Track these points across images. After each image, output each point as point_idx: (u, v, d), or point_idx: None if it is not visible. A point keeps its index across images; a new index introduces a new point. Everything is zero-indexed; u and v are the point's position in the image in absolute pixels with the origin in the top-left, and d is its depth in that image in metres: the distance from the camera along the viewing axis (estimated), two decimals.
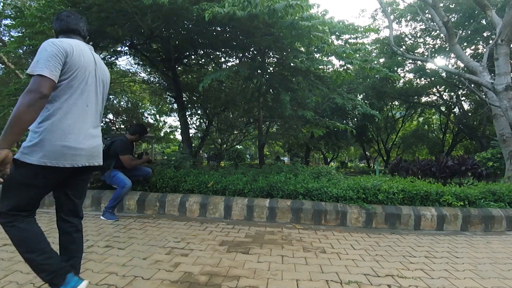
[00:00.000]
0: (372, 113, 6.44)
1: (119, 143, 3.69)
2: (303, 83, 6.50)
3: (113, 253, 2.34)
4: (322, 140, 13.66)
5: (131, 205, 3.91)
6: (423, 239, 3.14)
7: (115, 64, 9.12)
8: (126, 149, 3.70)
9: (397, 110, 20.79)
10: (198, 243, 2.67)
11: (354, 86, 12.87)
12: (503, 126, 6.47)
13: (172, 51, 6.61)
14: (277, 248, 2.61)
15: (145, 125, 4.57)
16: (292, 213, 3.64)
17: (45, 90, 1.29)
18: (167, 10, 4.17)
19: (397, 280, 2.03)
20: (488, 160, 6.64)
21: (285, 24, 4.14)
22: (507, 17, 6.02)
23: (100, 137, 1.63)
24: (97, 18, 4.56)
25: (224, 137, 13.36)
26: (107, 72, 1.69)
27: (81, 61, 1.45)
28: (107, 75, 1.69)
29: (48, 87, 1.31)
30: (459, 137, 18.82)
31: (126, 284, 1.81)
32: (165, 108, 15.71)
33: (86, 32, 1.65)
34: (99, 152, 1.60)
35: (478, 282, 2.04)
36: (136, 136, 3.90)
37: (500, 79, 6.00)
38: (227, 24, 4.75)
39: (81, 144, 1.45)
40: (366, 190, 3.79)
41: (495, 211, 3.72)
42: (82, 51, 1.49)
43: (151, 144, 20.98)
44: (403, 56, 9.98)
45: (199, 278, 1.93)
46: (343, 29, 5.64)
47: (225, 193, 3.98)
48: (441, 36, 12.10)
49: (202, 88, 4.80)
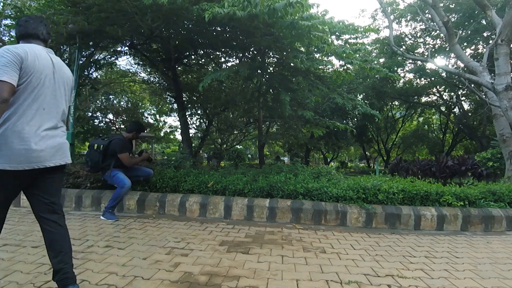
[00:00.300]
0: (372, 113, 6.44)
1: (117, 141, 3.68)
2: (303, 83, 6.50)
3: (113, 253, 2.33)
4: (322, 140, 13.66)
5: (131, 205, 3.91)
6: (423, 239, 3.14)
7: (115, 64, 9.13)
8: (124, 147, 3.69)
9: (397, 110, 20.80)
10: (198, 243, 2.67)
11: (354, 86, 12.87)
12: (503, 126, 6.46)
13: (172, 51, 6.61)
14: (277, 248, 2.61)
15: (142, 123, 4.58)
16: (292, 213, 3.64)
17: (5, 94, 1.35)
18: (167, 10, 4.17)
19: (397, 280, 2.02)
20: (488, 160, 6.64)
21: (285, 24, 4.14)
22: (507, 17, 6.02)
23: (64, 136, 1.67)
24: (97, 18, 4.56)
25: (224, 137, 13.37)
26: (68, 73, 1.73)
27: (35, 65, 1.49)
28: (69, 76, 1.73)
29: (8, 91, 1.37)
30: (459, 137, 18.82)
31: (126, 284, 1.81)
32: (165, 108, 15.72)
33: (47, 35, 1.69)
34: (64, 151, 1.64)
35: (478, 282, 2.04)
36: (134, 134, 3.90)
37: (500, 79, 6.00)
38: (227, 24, 4.75)
39: (38, 146, 1.48)
40: (366, 190, 3.78)
41: (495, 211, 3.72)
42: (37, 55, 1.52)
43: (151, 144, 20.98)
44: (403, 56, 9.98)
45: (199, 278, 1.93)
46: (343, 29, 5.64)
47: (225, 193, 3.97)
48: (441, 36, 12.10)
49: (202, 88, 4.80)
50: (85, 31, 4.96)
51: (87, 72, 7.19)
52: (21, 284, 1.77)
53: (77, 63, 5.39)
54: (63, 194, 3.97)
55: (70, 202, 3.96)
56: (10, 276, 1.87)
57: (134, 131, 3.91)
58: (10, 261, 2.11)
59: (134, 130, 3.92)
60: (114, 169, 3.63)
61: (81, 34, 5.14)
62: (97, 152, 3.63)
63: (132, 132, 3.90)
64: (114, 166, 3.64)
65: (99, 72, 11.70)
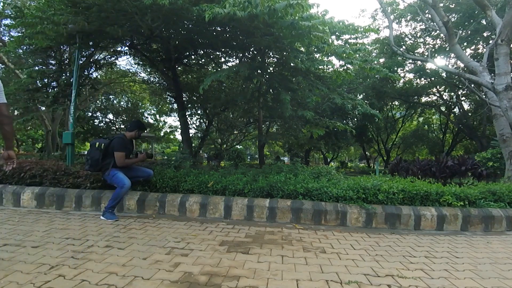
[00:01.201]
0: (372, 112, 6.44)
1: (117, 140, 3.67)
2: (303, 83, 6.50)
3: (113, 253, 2.33)
4: (322, 140, 13.66)
5: (131, 205, 3.91)
6: (423, 239, 3.14)
7: (115, 64, 9.14)
8: (122, 147, 3.66)
9: (397, 110, 20.80)
10: (198, 243, 2.67)
11: (354, 86, 12.88)
12: (503, 126, 6.46)
13: (172, 51, 6.61)
14: (277, 248, 2.61)
15: (142, 121, 4.59)
16: (292, 213, 3.64)
17: None
18: (167, 10, 4.17)
19: (397, 280, 2.02)
20: (488, 160, 6.64)
21: (285, 24, 4.14)
22: (507, 17, 6.02)
23: None
24: (97, 18, 4.56)
25: (224, 137, 13.37)
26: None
27: None
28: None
29: None
30: (459, 137, 18.82)
31: (126, 284, 1.81)
32: (165, 108, 15.73)
33: None
34: None
35: (478, 282, 2.04)
36: (135, 132, 3.88)
37: (500, 79, 6.00)
38: (227, 24, 4.76)
39: None
40: (366, 190, 3.78)
41: (495, 211, 3.72)
42: None
43: (151, 144, 20.99)
44: (403, 56, 9.98)
45: (199, 278, 1.93)
46: (343, 29, 5.64)
47: (225, 193, 3.97)
48: (441, 36, 12.10)
49: (202, 90, 4.80)
50: (85, 31, 4.96)
51: (87, 72, 7.19)
52: (21, 284, 1.77)
53: (77, 63, 5.39)
54: (63, 194, 3.97)
55: (70, 202, 3.96)
56: (10, 276, 1.87)
57: (135, 129, 3.90)
58: (10, 261, 2.10)
59: (136, 128, 3.91)
60: (113, 169, 3.62)
61: (81, 34, 5.14)
62: (98, 151, 3.61)
63: (134, 130, 3.89)
64: (113, 166, 3.64)
65: (99, 72, 11.71)
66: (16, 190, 4.06)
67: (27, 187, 4.13)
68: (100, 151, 3.61)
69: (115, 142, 3.66)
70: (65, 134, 5.32)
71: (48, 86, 6.77)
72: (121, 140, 3.69)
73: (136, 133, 3.90)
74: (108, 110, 15.30)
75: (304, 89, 6.39)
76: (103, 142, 3.67)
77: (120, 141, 3.67)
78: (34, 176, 4.24)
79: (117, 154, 3.62)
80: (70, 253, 2.29)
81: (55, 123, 14.97)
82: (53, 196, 3.99)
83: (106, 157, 3.65)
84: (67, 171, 4.32)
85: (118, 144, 3.65)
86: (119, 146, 3.64)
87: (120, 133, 3.81)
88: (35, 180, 4.23)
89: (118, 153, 3.62)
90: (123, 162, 3.68)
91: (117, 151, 3.62)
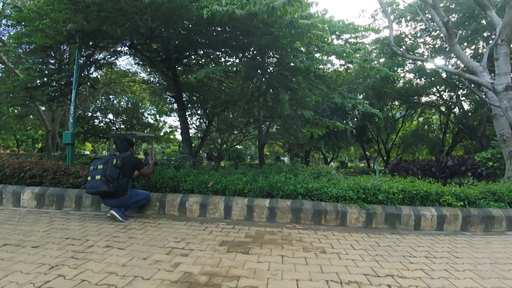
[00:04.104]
0: (373, 111, 6.43)
1: (134, 158, 3.74)
2: (303, 82, 6.50)
3: (113, 253, 2.33)
4: (322, 140, 13.66)
5: None
6: (423, 239, 3.14)
7: (115, 64, 9.13)
8: (142, 162, 3.80)
9: (397, 110, 20.81)
10: (198, 243, 2.67)
11: (354, 86, 12.88)
12: (503, 126, 6.46)
13: (172, 51, 6.61)
14: (277, 248, 2.61)
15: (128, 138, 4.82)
16: (292, 213, 3.64)
17: None
18: (166, 9, 4.17)
19: (397, 280, 2.02)
20: (488, 160, 6.64)
21: (285, 23, 4.14)
22: (507, 17, 6.02)
23: None
24: (96, 17, 4.56)
25: (224, 137, 13.37)
26: None
27: None
28: None
29: None
30: (459, 137, 18.83)
31: (126, 284, 1.81)
32: (165, 108, 15.73)
33: None
34: None
35: (478, 282, 2.04)
36: (130, 150, 3.89)
37: (500, 79, 5.99)
38: (227, 24, 4.75)
39: None
40: (366, 190, 3.78)
41: (495, 211, 3.72)
42: None
43: (151, 144, 20.98)
44: (403, 56, 9.97)
45: (199, 278, 1.93)
46: (343, 29, 5.63)
47: (225, 193, 3.97)
48: (441, 36, 12.09)
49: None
50: (85, 30, 4.95)
51: (87, 72, 7.18)
52: (21, 284, 1.76)
53: (77, 62, 5.38)
54: (63, 194, 3.97)
55: (70, 202, 3.96)
56: (10, 276, 1.87)
57: (129, 148, 3.84)
58: (10, 261, 2.10)
59: (130, 147, 3.85)
60: (131, 189, 3.60)
61: (80, 33, 5.14)
62: (115, 168, 3.39)
63: (129, 149, 3.84)
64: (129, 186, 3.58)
65: (99, 72, 11.70)
66: (16, 190, 4.06)
67: (27, 187, 4.13)
68: (117, 168, 3.41)
69: (133, 160, 3.68)
70: (65, 134, 5.32)
71: (47, 84, 6.77)
72: (137, 158, 3.84)
73: (131, 151, 3.92)
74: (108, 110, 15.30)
75: (304, 89, 6.40)
76: (117, 159, 3.49)
77: (137, 159, 3.83)
78: (34, 176, 4.24)
79: (144, 170, 3.77)
80: (70, 253, 2.29)
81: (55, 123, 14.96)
82: (53, 196, 3.98)
83: (122, 175, 3.49)
84: (67, 171, 4.32)
85: (139, 161, 3.78)
86: (139, 162, 3.78)
87: (122, 154, 3.68)
88: (35, 180, 4.23)
89: (145, 168, 3.78)
90: (150, 172, 3.95)
91: (142, 167, 3.74)
